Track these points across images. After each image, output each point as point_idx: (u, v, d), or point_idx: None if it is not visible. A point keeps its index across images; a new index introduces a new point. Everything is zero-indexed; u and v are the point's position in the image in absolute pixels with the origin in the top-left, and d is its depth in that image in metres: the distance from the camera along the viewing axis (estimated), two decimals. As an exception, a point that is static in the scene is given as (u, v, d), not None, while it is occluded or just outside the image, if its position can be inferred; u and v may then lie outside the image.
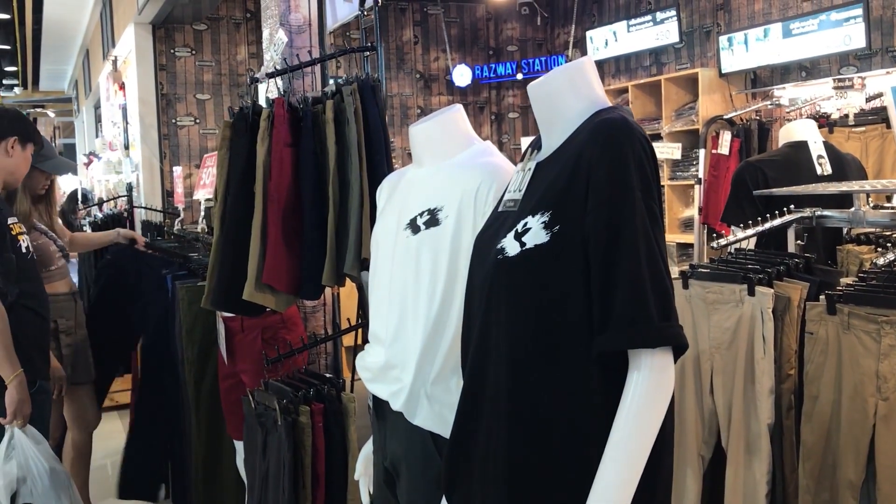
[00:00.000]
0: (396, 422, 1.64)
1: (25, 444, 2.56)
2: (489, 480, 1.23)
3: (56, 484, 2.62)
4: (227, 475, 2.95)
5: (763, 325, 2.40)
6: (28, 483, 2.55)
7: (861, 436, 2.07)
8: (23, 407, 2.53)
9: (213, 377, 2.93)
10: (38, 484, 2.57)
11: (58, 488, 2.61)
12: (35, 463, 2.57)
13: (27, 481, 2.54)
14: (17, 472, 2.53)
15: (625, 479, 1.10)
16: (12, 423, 2.52)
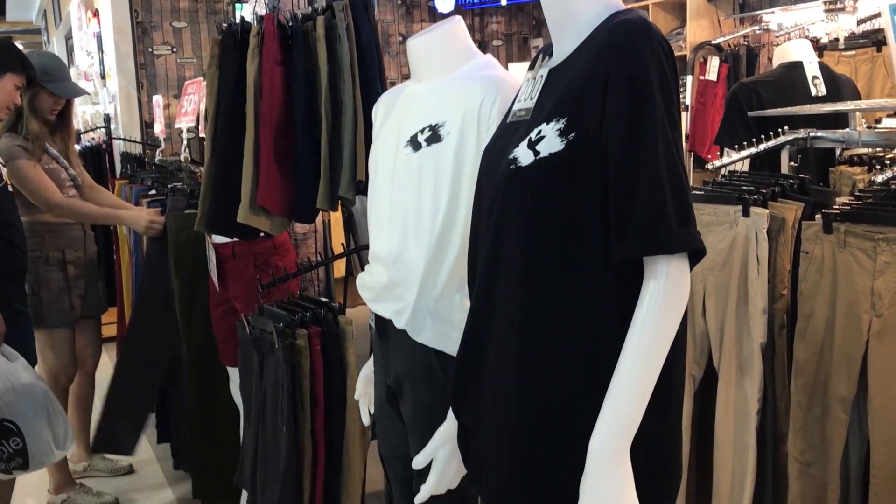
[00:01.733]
0: (399, 340, 1.64)
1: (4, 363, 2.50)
2: (500, 393, 1.23)
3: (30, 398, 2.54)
4: (221, 402, 2.95)
5: (757, 246, 2.40)
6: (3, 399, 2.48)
7: (854, 352, 2.10)
8: None
9: (203, 305, 2.91)
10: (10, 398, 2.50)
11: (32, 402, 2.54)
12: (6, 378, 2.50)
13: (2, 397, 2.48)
14: None
15: (639, 388, 1.10)
16: None
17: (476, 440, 1.32)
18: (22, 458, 2.51)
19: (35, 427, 2.53)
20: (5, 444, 2.48)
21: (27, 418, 2.52)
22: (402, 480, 1.80)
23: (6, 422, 2.48)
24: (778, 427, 2.45)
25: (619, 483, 1.11)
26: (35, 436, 2.52)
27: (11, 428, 2.49)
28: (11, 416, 2.50)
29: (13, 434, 2.49)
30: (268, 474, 2.23)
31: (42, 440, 2.53)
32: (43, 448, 2.53)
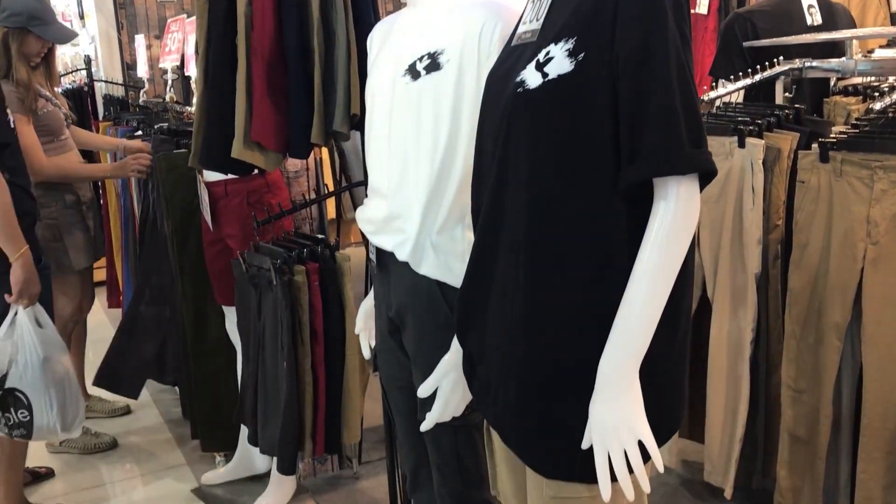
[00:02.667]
0: (401, 272, 1.63)
1: (26, 326, 2.47)
2: (507, 319, 1.23)
3: (49, 375, 2.52)
4: (217, 342, 2.96)
5: (753, 177, 2.41)
6: (19, 367, 2.47)
7: (849, 280, 2.12)
8: (29, 286, 2.44)
9: (196, 245, 2.89)
10: (28, 371, 2.49)
11: (49, 380, 2.52)
12: (31, 349, 2.49)
13: (19, 366, 2.47)
14: (10, 353, 2.46)
15: (649, 310, 1.11)
16: (18, 302, 2.44)
17: (482, 366, 1.33)
18: (25, 431, 2.52)
19: (45, 406, 2.52)
20: (12, 413, 2.48)
21: (41, 395, 2.51)
22: (404, 412, 1.81)
23: (18, 392, 2.48)
24: (771, 356, 2.48)
25: (628, 405, 1.12)
26: (43, 414, 2.51)
27: (22, 400, 2.49)
28: (25, 389, 2.49)
29: (23, 406, 2.49)
30: (269, 410, 2.25)
31: (49, 420, 2.52)
32: (48, 428, 2.53)
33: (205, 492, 2.98)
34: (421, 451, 1.79)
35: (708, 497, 2.71)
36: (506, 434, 1.28)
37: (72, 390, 2.57)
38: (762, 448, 2.55)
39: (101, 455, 3.34)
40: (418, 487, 1.86)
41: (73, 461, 3.29)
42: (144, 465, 3.26)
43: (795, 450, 2.30)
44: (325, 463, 3.03)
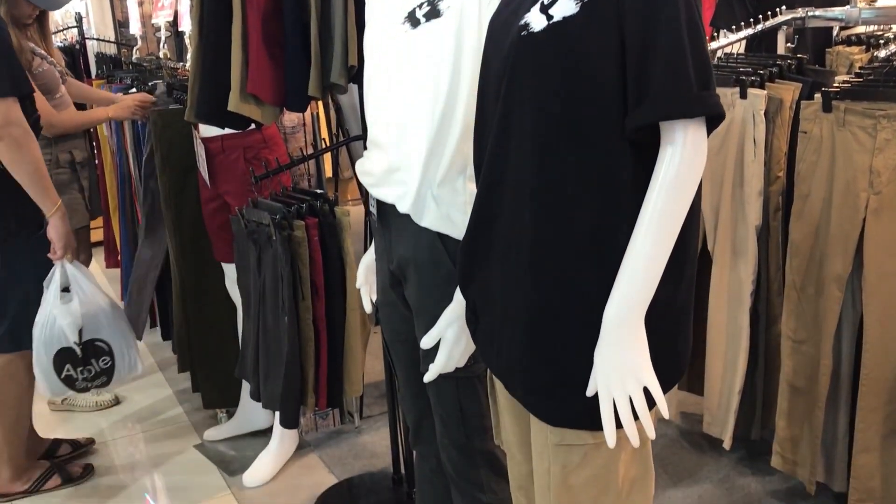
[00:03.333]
0: (402, 225, 1.62)
1: (81, 278, 2.50)
2: (511, 267, 1.22)
3: (119, 318, 2.61)
4: (216, 299, 2.95)
5: (754, 128, 2.39)
6: (94, 319, 2.51)
7: (851, 230, 2.11)
8: (69, 240, 2.45)
9: (193, 203, 2.87)
10: (103, 319, 2.54)
11: (121, 323, 2.60)
12: (96, 298, 2.53)
13: (92, 317, 2.51)
14: (80, 309, 2.48)
15: (655, 256, 1.10)
16: (63, 258, 2.45)
17: (485, 316, 1.32)
18: (107, 377, 2.58)
19: (122, 346, 2.60)
20: (95, 364, 2.53)
21: (119, 338, 2.59)
22: (406, 365, 1.82)
23: (99, 341, 2.53)
24: (771, 308, 2.49)
25: (633, 351, 1.12)
26: (123, 356, 2.60)
27: (103, 347, 2.55)
28: (104, 336, 2.55)
29: (104, 353, 2.55)
30: (270, 365, 2.25)
31: (129, 360, 2.62)
32: (128, 367, 2.62)
33: (207, 448, 3.00)
34: (423, 403, 1.80)
35: (707, 448, 2.74)
36: (510, 383, 1.28)
37: (128, 326, 2.67)
38: (761, 399, 2.57)
39: (102, 412, 3.36)
40: (421, 440, 1.87)
41: (75, 419, 3.31)
42: (146, 422, 3.28)
43: (794, 400, 2.31)
44: (326, 418, 3.05)
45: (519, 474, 1.46)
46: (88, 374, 2.51)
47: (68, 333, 2.46)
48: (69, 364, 2.47)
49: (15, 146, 2.29)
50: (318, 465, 2.82)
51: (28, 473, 2.70)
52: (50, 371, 2.48)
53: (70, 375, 2.49)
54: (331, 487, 2.67)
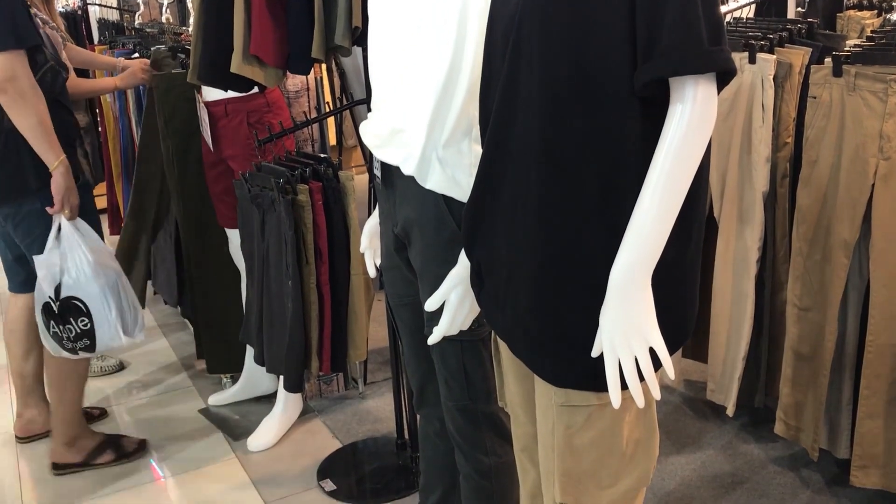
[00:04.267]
0: (407, 188, 1.61)
1: (72, 235, 2.45)
2: (517, 227, 1.21)
3: (101, 279, 2.50)
4: (220, 264, 2.95)
5: (763, 94, 2.36)
6: (72, 276, 2.46)
7: (859, 196, 2.09)
8: (70, 196, 2.41)
9: (196, 168, 2.86)
10: (81, 277, 2.47)
11: (103, 284, 2.50)
12: (80, 254, 2.47)
13: (70, 273, 2.46)
14: (59, 263, 2.44)
15: (663, 215, 1.08)
16: (60, 213, 2.42)
17: (490, 277, 1.31)
18: (89, 340, 2.50)
19: (104, 310, 2.50)
20: (73, 323, 2.47)
21: (97, 300, 2.49)
22: (410, 329, 1.81)
23: (75, 300, 2.47)
24: (776, 275, 2.48)
25: (640, 311, 1.11)
26: (103, 318, 2.50)
27: (80, 307, 2.47)
28: (81, 296, 2.47)
29: (82, 314, 2.47)
30: (274, 329, 2.25)
31: (109, 324, 2.50)
32: (109, 332, 2.52)
33: (212, 412, 3.02)
34: (427, 367, 1.80)
35: (710, 415, 2.74)
36: (514, 344, 1.28)
37: (127, 294, 2.56)
38: (765, 367, 2.57)
39: (106, 378, 3.37)
40: (424, 403, 1.87)
41: (80, 384, 3.32)
42: (151, 387, 3.29)
43: (799, 367, 2.31)
44: (330, 383, 3.06)
45: (522, 436, 1.46)
46: (69, 333, 2.46)
47: (45, 287, 2.43)
48: (52, 321, 2.44)
49: (20, 100, 2.26)
50: (323, 430, 2.84)
51: (82, 443, 2.69)
52: (42, 326, 2.47)
53: (56, 333, 2.46)
54: (335, 452, 2.69)
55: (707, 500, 2.30)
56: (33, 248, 2.48)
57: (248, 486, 2.55)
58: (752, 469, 2.44)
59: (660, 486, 2.38)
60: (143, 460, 2.73)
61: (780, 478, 2.38)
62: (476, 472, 1.71)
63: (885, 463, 2.11)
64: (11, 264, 2.72)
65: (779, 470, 2.42)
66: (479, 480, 1.71)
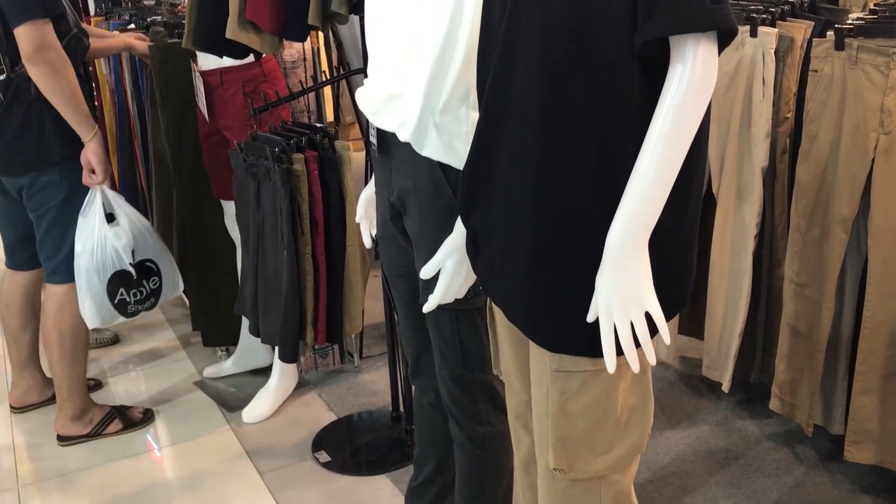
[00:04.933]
0: (403, 155, 1.59)
1: (120, 202, 2.50)
2: (514, 193, 1.20)
3: (158, 238, 2.62)
4: (215, 236, 2.93)
5: (764, 68, 2.34)
6: (140, 240, 2.52)
7: (859, 171, 2.08)
8: (107, 165, 2.43)
9: (192, 139, 2.83)
10: (148, 240, 2.55)
11: (160, 242, 2.62)
12: (136, 220, 2.53)
13: (139, 239, 2.52)
14: (129, 230, 2.49)
15: (661, 178, 1.07)
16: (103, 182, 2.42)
17: (487, 244, 1.30)
18: (155, 298, 2.60)
19: (167, 265, 2.62)
20: (146, 285, 2.54)
21: (164, 257, 2.60)
22: (406, 299, 1.80)
23: (148, 262, 2.54)
24: (774, 251, 2.47)
25: (636, 276, 1.10)
26: (168, 274, 2.61)
27: (152, 268, 2.56)
28: (152, 256, 2.56)
29: (153, 274, 2.56)
30: (269, 300, 2.24)
31: (173, 278, 2.64)
32: (171, 285, 2.63)
33: (207, 385, 3.01)
34: (422, 337, 1.79)
35: (706, 392, 2.74)
36: (510, 310, 1.27)
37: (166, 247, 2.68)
38: (761, 343, 2.56)
39: (102, 350, 3.37)
40: (419, 373, 1.87)
41: (75, 356, 3.31)
42: (146, 360, 3.29)
43: (795, 344, 2.30)
44: (326, 357, 3.05)
45: (517, 404, 1.46)
46: (140, 295, 2.53)
47: (123, 255, 2.46)
48: (122, 288, 2.48)
49: (51, 71, 2.24)
50: (318, 402, 2.84)
51: (89, 415, 2.69)
52: (103, 297, 2.47)
53: (123, 300, 2.50)
54: (330, 424, 2.69)
55: (701, 475, 2.30)
56: (44, 218, 2.47)
57: (243, 457, 2.55)
58: (747, 445, 2.44)
59: (654, 460, 2.38)
60: (137, 431, 2.73)
61: (774, 453, 2.39)
62: (470, 442, 1.70)
63: (878, 438, 2.11)
64: (14, 243, 2.71)
65: (773, 446, 2.43)
66: (473, 450, 1.71)
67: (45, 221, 2.46)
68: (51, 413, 2.74)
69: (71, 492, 2.43)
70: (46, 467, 2.56)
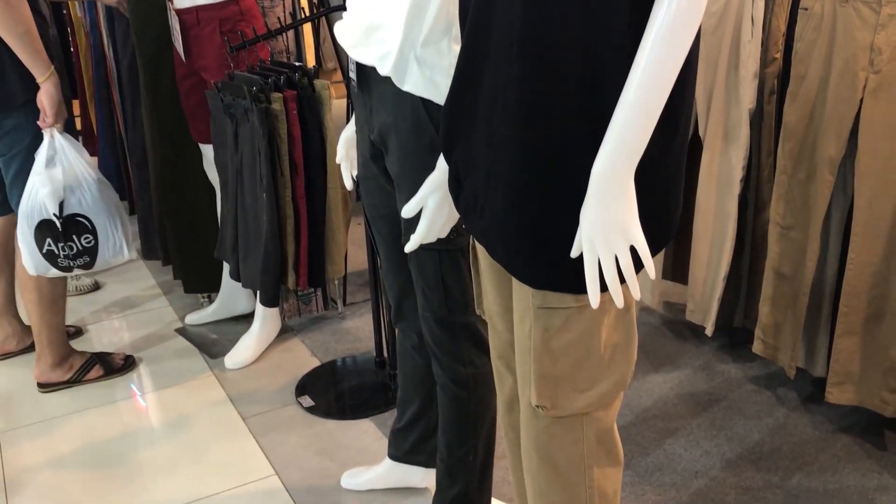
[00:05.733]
0: (383, 91, 1.55)
1: (69, 151, 2.37)
2: (496, 123, 1.16)
3: (105, 196, 2.46)
4: (194, 181, 2.88)
5: (753, 6, 2.29)
6: (76, 193, 2.39)
7: (847, 111, 2.05)
8: (61, 108, 2.32)
9: (169, 81, 2.76)
10: (86, 194, 2.42)
11: (108, 202, 2.46)
12: (81, 171, 2.40)
13: (75, 191, 2.39)
14: (62, 179, 2.36)
15: (648, 108, 1.03)
16: (53, 126, 2.33)
17: (469, 180, 1.27)
18: (89, 257, 2.46)
19: (109, 227, 2.47)
20: (76, 241, 2.42)
21: (103, 217, 2.45)
22: (388, 241, 1.78)
23: (80, 217, 2.41)
24: (760, 194, 2.45)
25: (621, 208, 1.07)
26: (108, 236, 2.47)
27: (86, 224, 2.42)
28: (88, 213, 2.42)
29: (86, 231, 2.43)
30: (249, 243, 2.20)
31: (114, 241, 2.48)
32: (113, 249, 2.49)
33: (188, 331, 2.99)
34: (405, 280, 1.77)
35: (689, 336, 2.75)
36: (492, 247, 1.24)
37: (120, 209, 2.53)
38: (745, 287, 2.56)
39: (82, 298, 3.33)
40: (402, 317, 1.85)
41: (55, 303, 3.28)
42: (127, 307, 3.25)
43: (779, 286, 2.30)
44: (309, 303, 3.03)
45: (499, 344, 1.44)
46: (70, 251, 2.41)
47: (48, 204, 2.35)
48: (50, 238, 2.38)
49: (5, 6, 2.16)
50: (301, 348, 2.82)
51: (69, 362, 2.66)
52: (32, 245, 2.39)
53: (52, 251, 2.40)
54: (313, 370, 2.67)
55: (684, 417, 2.31)
56: (13, 163, 2.40)
57: (226, 402, 2.54)
58: (729, 388, 2.45)
59: (637, 403, 2.39)
60: (119, 378, 2.71)
61: (756, 396, 2.40)
62: (453, 383, 1.69)
63: (860, 379, 2.12)
64: None
65: (755, 388, 2.44)
66: (456, 391, 1.70)
67: (13, 166, 2.40)
68: (31, 361, 2.71)
69: (53, 437, 2.41)
70: (27, 414, 2.55)
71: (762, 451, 2.15)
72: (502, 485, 2.03)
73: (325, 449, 2.27)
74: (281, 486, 2.12)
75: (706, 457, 2.14)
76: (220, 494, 2.11)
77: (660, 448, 2.18)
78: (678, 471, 2.09)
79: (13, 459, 2.33)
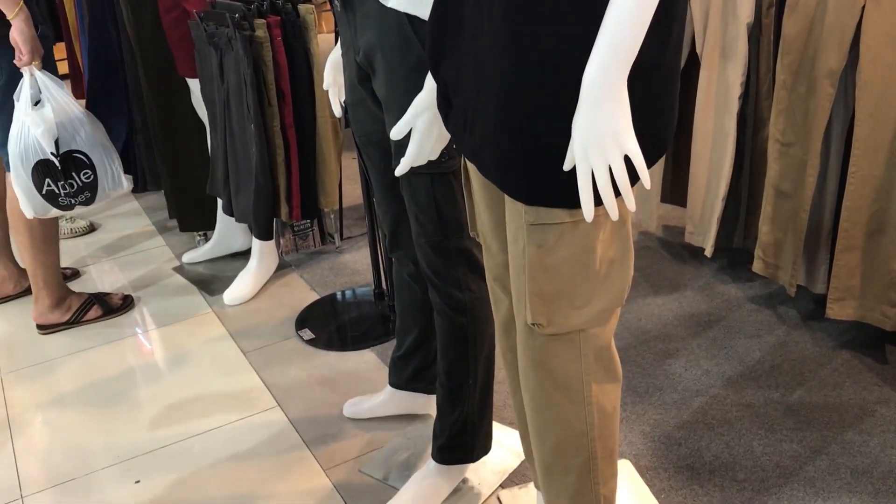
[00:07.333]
0: (368, 9, 1.50)
1: (53, 89, 2.31)
2: (484, 35, 1.12)
3: (96, 129, 2.43)
4: (183, 117, 2.82)
5: (750, -86, 2.21)
6: (69, 129, 2.35)
7: (848, 21, 1.99)
8: (35, 44, 2.25)
9: (153, 16, 2.69)
10: (78, 129, 2.38)
11: (99, 135, 2.43)
12: (70, 106, 2.35)
13: (67, 127, 2.34)
14: (54, 117, 2.31)
15: (640, 10, 0.99)
16: (30, 64, 2.25)
17: (458, 97, 1.23)
18: (90, 193, 2.43)
19: (105, 160, 2.44)
20: (76, 178, 2.38)
21: (99, 151, 2.42)
22: (379, 168, 1.74)
23: (77, 153, 2.38)
24: (759, 112, 2.40)
25: (614, 116, 1.03)
26: (105, 169, 2.44)
27: (83, 160, 2.39)
28: (84, 148, 2.39)
29: (85, 166, 2.39)
30: (240, 177, 2.17)
31: (112, 173, 2.46)
32: (112, 181, 2.46)
33: (186, 270, 2.98)
34: (398, 207, 1.74)
35: (688, 258, 2.73)
36: (484, 164, 1.21)
37: (107, 139, 2.49)
38: (745, 206, 2.53)
39: (79, 239, 3.32)
40: (397, 246, 1.82)
41: (51, 247, 3.26)
42: (123, 248, 3.24)
43: (779, 204, 2.27)
44: (306, 238, 3.01)
45: (494, 265, 1.42)
46: (70, 188, 2.39)
47: (44, 144, 2.31)
48: (49, 178, 2.35)
49: None
50: (300, 283, 2.81)
51: (67, 303, 2.66)
52: (30, 187, 2.36)
53: (52, 191, 2.37)
54: (312, 303, 2.67)
55: (684, 338, 2.31)
56: None
57: (226, 337, 2.54)
58: (729, 308, 2.45)
59: (636, 325, 2.39)
60: (118, 317, 2.71)
61: (756, 315, 2.39)
62: (450, 308, 1.68)
63: (861, 294, 2.11)
64: None
65: (755, 308, 2.43)
66: (453, 316, 1.68)
67: None
68: (29, 304, 2.71)
69: (55, 378, 2.42)
70: (27, 356, 2.55)
71: (763, 369, 2.15)
72: (503, 408, 2.04)
73: (327, 380, 2.27)
74: (284, 418, 2.13)
75: (706, 376, 2.14)
76: (223, 427, 2.12)
77: (660, 369, 2.18)
78: (679, 390, 2.09)
79: (16, 400, 2.34)
